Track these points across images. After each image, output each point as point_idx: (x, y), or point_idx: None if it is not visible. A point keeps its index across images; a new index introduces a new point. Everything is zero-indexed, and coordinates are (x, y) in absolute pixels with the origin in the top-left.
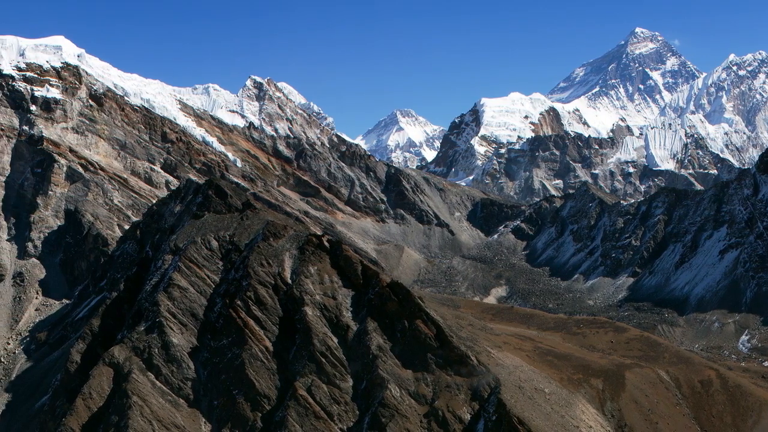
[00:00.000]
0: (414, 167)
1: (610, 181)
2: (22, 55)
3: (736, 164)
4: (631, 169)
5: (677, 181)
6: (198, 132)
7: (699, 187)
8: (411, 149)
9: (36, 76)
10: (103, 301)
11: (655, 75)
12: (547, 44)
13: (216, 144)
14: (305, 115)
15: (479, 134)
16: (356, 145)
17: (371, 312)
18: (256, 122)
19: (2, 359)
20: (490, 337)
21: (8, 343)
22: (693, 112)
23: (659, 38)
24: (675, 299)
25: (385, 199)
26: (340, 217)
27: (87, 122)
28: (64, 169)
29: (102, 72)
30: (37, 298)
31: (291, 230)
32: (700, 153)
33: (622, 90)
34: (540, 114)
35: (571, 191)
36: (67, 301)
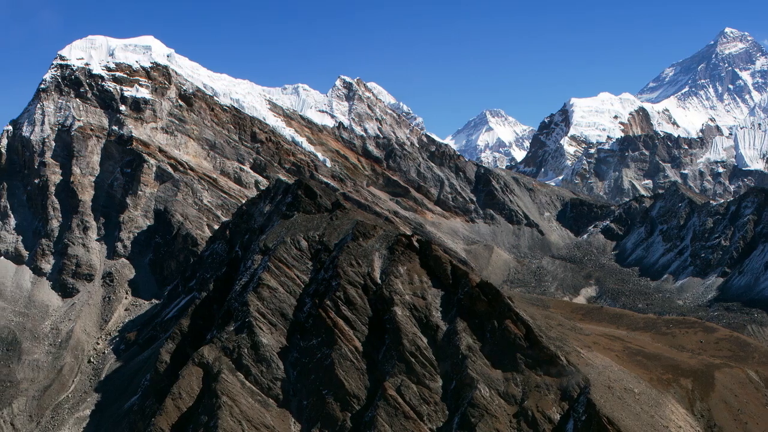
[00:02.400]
0: (503, 167)
1: (700, 181)
2: (111, 55)
3: None
4: (721, 169)
5: (767, 181)
6: (287, 132)
7: None
8: (500, 149)
9: (125, 76)
10: (192, 301)
11: (745, 75)
12: (636, 44)
13: (305, 144)
14: (395, 115)
15: (569, 134)
16: (446, 145)
17: (461, 312)
18: (346, 122)
19: (92, 359)
20: (580, 337)
21: (98, 343)
22: None
23: (749, 38)
24: (765, 299)
25: (474, 199)
26: (429, 217)
27: (176, 122)
28: (154, 169)
29: (191, 72)
30: (126, 298)
31: (380, 230)
32: None
33: (711, 90)
34: (629, 114)
35: (660, 191)
36: (157, 301)
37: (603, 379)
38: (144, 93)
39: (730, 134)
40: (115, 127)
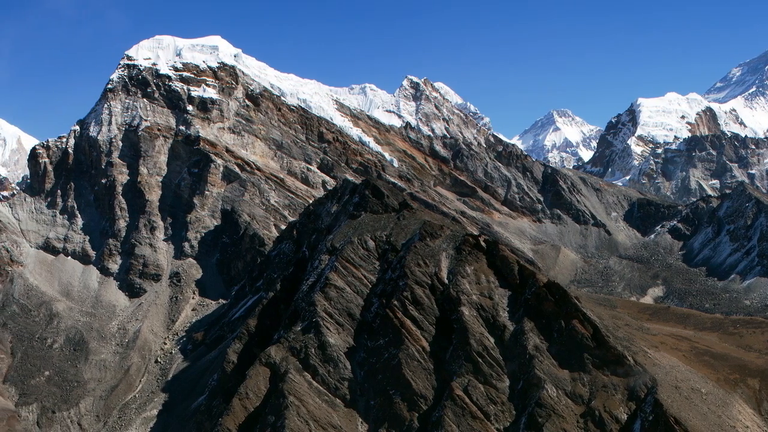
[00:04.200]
0: (570, 167)
1: (767, 181)
2: (178, 55)
3: None
4: None
5: None
6: (355, 132)
7: None
8: (567, 149)
9: (193, 76)
10: (259, 301)
11: None
12: (703, 44)
13: (372, 144)
14: (462, 115)
15: (636, 134)
16: (513, 145)
17: (528, 312)
18: (413, 122)
19: (159, 359)
20: (647, 337)
21: (165, 343)
22: None
23: None
24: None
25: (541, 199)
26: (496, 217)
27: (243, 122)
28: (221, 169)
29: (258, 72)
30: (193, 298)
31: (448, 230)
32: None
33: None
34: (697, 114)
35: (727, 191)
36: (224, 301)
37: (670, 379)
38: (211, 93)
39: None
40: (182, 127)
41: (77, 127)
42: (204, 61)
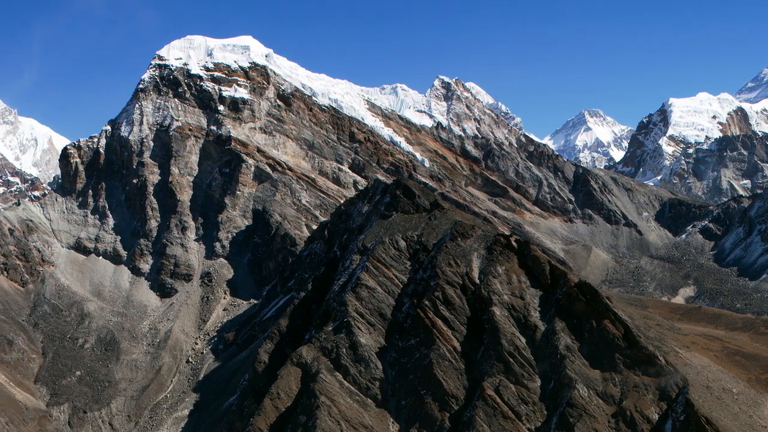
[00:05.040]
0: (602, 167)
1: None
2: (210, 55)
3: None
4: None
5: None
6: (386, 132)
7: None
8: (599, 149)
9: (224, 76)
10: (291, 301)
11: None
12: (734, 44)
13: (404, 144)
14: (493, 115)
15: (667, 134)
16: (544, 145)
17: (559, 312)
18: (444, 122)
19: (190, 359)
20: (678, 337)
21: (196, 343)
22: None
23: None
24: None
25: (573, 199)
26: (527, 217)
27: (275, 122)
28: (252, 169)
29: (290, 72)
30: (225, 298)
31: (479, 230)
32: None
33: None
34: (728, 114)
35: (759, 191)
36: (255, 301)
37: (701, 379)
38: (242, 93)
39: None
40: (213, 127)
41: (109, 127)
42: (235, 61)
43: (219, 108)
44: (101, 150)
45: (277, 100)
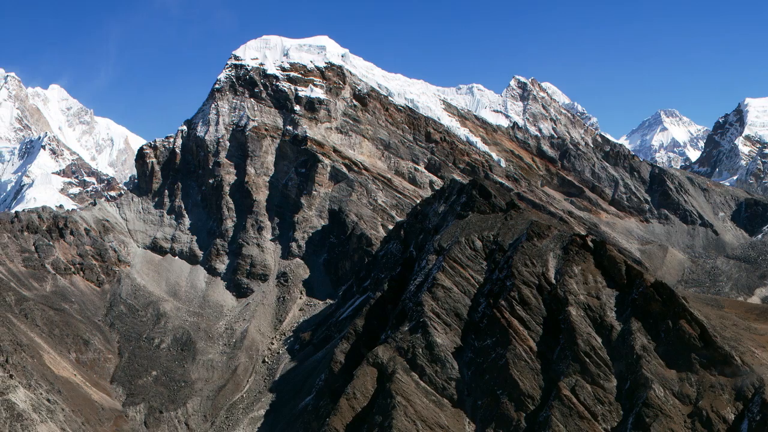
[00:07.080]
0: (678, 167)
1: None
2: (286, 55)
3: None
4: None
5: None
6: (462, 132)
7: None
8: (675, 149)
9: (300, 76)
10: (366, 301)
11: None
12: None
13: (480, 144)
14: (569, 115)
15: (743, 134)
16: (620, 145)
17: (635, 312)
18: (520, 122)
19: (266, 359)
20: (755, 337)
21: (272, 343)
22: None
23: None
24: None
25: (649, 199)
26: (604, 217)
27: (351, 122)
28: (328, 169)
29: (366, 72)
30: (301, 298)
31: (555, 230)
32: None
33: None
34: None
35: None
36: (331, 301)
37: None
38: (318, 93)
39: None
40: (289, 127)
41: (185, 127)
42: (311, 61)
43: (295, 108)
44: (177, 150)
45: (353, 100)
